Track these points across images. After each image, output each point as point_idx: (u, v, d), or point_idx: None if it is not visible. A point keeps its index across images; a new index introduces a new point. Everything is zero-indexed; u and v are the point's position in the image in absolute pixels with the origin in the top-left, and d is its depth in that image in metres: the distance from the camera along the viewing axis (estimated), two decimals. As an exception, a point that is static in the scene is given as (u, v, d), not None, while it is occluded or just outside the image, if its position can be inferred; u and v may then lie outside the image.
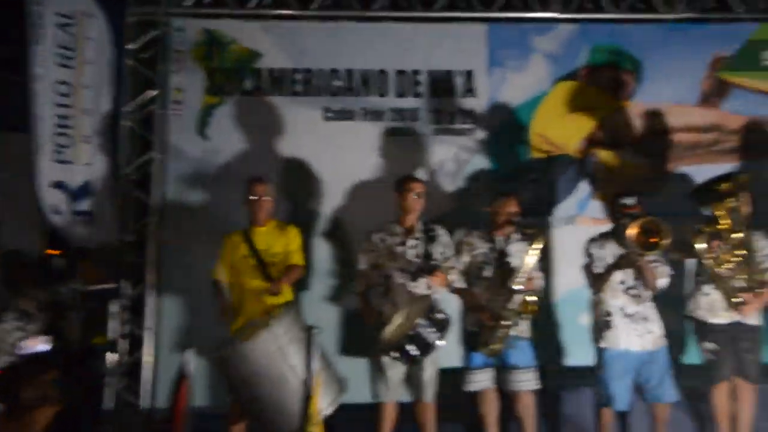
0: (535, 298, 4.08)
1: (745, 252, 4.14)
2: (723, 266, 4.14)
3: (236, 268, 4.16)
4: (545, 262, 4.66)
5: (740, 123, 5.13)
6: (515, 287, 4.01)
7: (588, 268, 4.26)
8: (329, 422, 3.38)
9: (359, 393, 4.29)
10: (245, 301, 4.10)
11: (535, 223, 4.36)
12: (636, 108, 5.14)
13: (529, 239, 4.12)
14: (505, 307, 4.04)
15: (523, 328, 4.17)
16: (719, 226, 4.13)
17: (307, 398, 2.82)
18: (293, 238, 4.24)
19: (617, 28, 5.19)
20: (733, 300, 4.12)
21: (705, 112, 5.16)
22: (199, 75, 5.05)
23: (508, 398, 4.24)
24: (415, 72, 5.09)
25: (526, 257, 4.05)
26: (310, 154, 5.00)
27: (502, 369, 4.15)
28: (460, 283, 4.24)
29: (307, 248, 4.50)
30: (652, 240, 3.86)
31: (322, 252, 4.89)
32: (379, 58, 5.08)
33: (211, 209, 4.89)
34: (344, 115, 5.05)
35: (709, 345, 4.19)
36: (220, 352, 3.57)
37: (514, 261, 4.17)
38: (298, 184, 4.97)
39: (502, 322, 4.03)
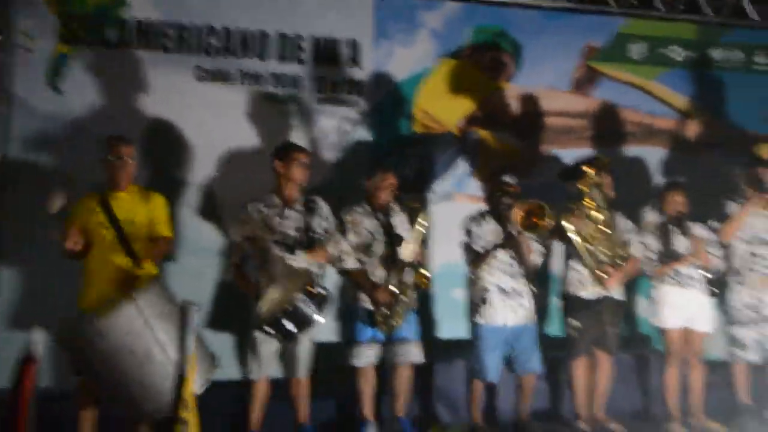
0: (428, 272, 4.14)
1: (608, 229, 4.36)
2: (589, 242, 4.33)
3: (90, 236, 3.72)
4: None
5: (606, 111, 5.40)
6: (409, 261, 4.00)
7: (467, 245, 4.30)
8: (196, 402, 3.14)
9: (227, 369, 4.08)
10: (100, 272, 3.68)
11: (415, 197, 4.33)
12: (514, 91, 5.26)
13: (411, 211, 4.11)
14: (401, 281, 3.99)
15: (412, 301, 4.17)
16: (585, 204, 4.31)
17: (180, 380, 2.55)
18: (159, 206, 3.85)
19: (500, 11, 5.27)
20: (598, 274, 4.32)
21: (576, 98, 5.39)
22: (52, 20, 4.49)
23: (381, 371, 4.20)
24: (299, 37, 4.86)
25: (416, 230, 4.05)
26: (178, 116, 4.61)
27: (389, 342, 4.11)
28: (352, 264, 4.12)
29: (172, 218, 4.15)
30: (533, 221, 3.96)
31: (190, 222, 4.54)
32: (260, 19, 4.78)
33: (60, 171, 4.36)
34: (219, 76, 4.71)
35: (574, 322, 4.38)
36: (72, 328, 3.21)
37: (400, 234, 4.15)
38: (164, 148, 4.58)
39: (402, 298, 4.00)
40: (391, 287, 4.02)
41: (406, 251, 4.05)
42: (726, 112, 5.68)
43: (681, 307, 4.50)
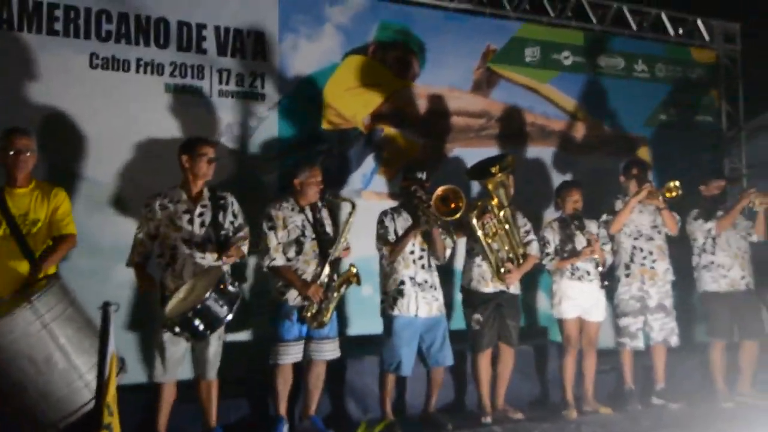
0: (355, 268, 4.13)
1: (510, 227, 4.53)
2: (492, 239, 4.48)
3: None
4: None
5: (504, 112, 5.62)
6: (336, 256, 4.02)
7: (382, 240, 4.31)
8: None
9: (132, 372, 3.86)
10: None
11: (338, 193, 4.33)
12: (418, 89, 5.35)
13: (333, 207, 4.14)
14: (331, 278, 3.98)
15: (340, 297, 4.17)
16: (490, 201, 4.46)
17: (101, 385, 2.40)
18: (62, 203, 3.56)
19: (404, 9, 5.37)
20: (501, 270, 4.48)
21: (476, 98, 5.56)
22: None
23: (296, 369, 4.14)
24: (200, 26, 4.68)
25: (347, 226, 4.06)
26: (71, 106, 4.32)
27: (310, 339, 4.06)
28: (280, 261, 4.04)
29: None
30: (451, 206, 4.04)
31: (87, 220, 4.19)
32: (158, 5, 4.57)
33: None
34: (116, 64, 4.45)
35: (477, 316, 4.50)
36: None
37: (328, 231, 4.16)
38: (57, 139, 4.25)
39: (334, 294, 4.00)
40: (322, 283, 4.01)
41: (339, 247, 4.04)
42: (610, 116, 6.08)
43: (577, 298, 4.75)
